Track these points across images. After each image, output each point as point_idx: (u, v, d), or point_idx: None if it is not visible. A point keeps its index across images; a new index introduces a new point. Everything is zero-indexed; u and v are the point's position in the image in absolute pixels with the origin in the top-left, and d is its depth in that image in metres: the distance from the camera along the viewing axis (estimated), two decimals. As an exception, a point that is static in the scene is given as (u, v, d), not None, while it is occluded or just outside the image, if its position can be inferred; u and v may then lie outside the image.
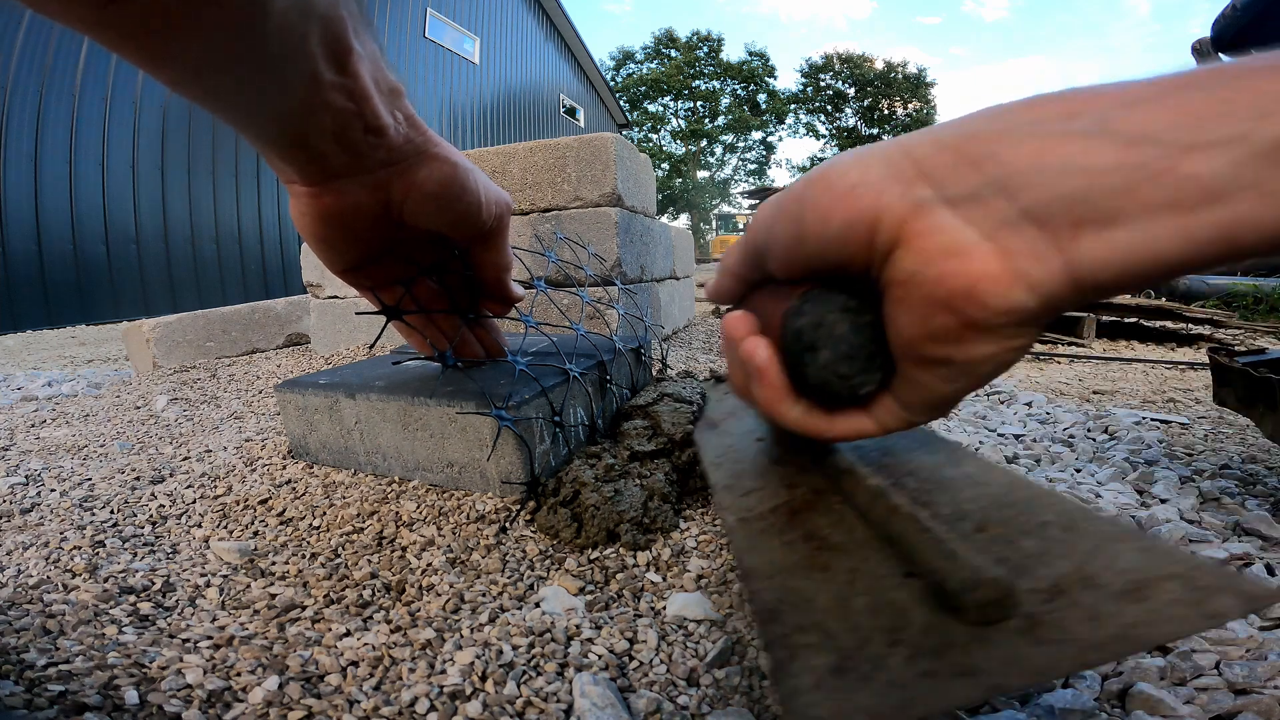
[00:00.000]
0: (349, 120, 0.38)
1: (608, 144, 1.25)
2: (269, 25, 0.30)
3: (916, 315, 0.25)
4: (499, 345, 0.65)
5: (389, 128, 0.41)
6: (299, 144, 0.39)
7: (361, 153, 0.41)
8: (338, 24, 0.35)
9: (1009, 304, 0.23)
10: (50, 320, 5.56)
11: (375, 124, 0.40)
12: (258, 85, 0.34)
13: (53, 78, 5.54)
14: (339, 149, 0.40)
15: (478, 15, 11.27)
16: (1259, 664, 0.43)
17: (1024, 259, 0.23)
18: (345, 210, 0.44)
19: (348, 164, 0.41)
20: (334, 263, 0.49)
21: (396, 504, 0.60)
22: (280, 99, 0.35)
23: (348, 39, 0.36)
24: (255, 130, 0.38)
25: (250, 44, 0.31)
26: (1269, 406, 0.81)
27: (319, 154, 0.40)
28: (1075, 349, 3.10)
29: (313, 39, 0.33)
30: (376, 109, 0.39)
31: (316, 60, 0.34)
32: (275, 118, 0.37)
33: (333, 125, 0.38)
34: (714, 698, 0.38)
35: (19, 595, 0.46)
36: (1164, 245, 0.21)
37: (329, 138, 0.39)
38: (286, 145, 0.39)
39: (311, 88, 0.35)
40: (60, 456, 0.85)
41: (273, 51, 0.32)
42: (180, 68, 0.31)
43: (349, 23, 0.35)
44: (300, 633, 0.42)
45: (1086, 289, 0.23)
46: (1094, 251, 0.22)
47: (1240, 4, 0.83)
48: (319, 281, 1.56)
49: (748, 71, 31.08)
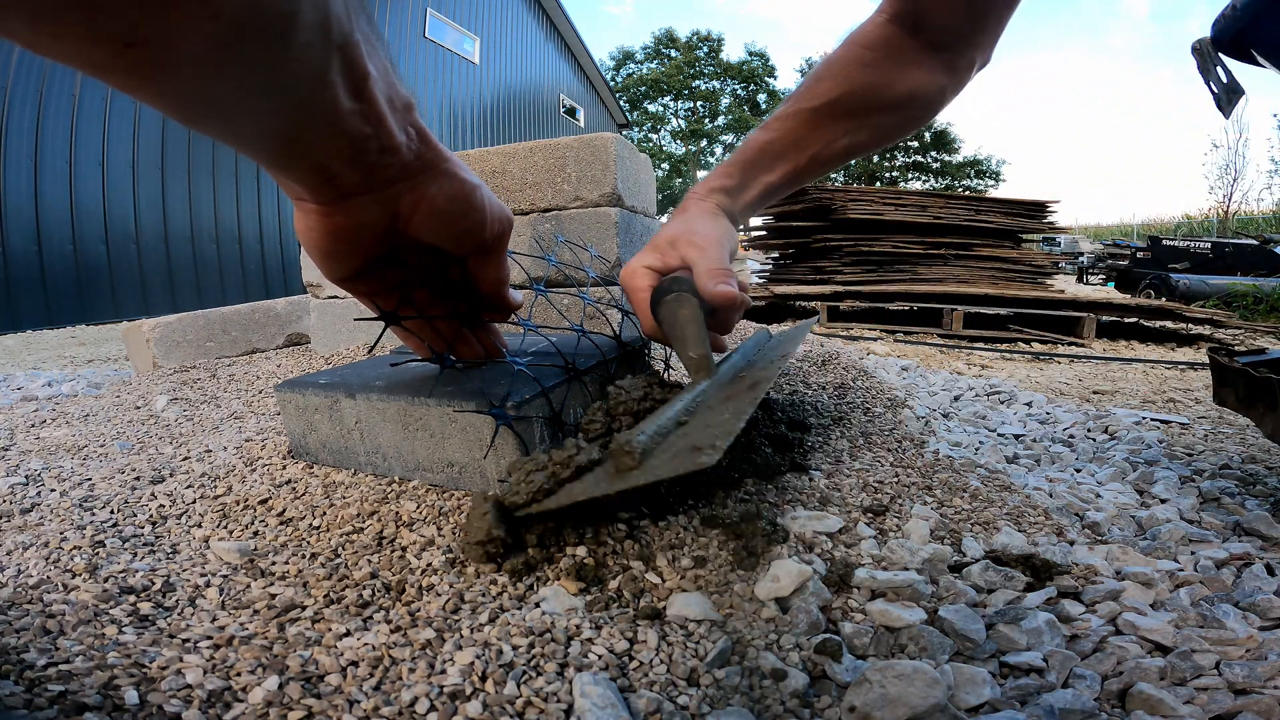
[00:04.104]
0: (365, 142, 0.38)
1: (608, 144, 1.25)
2: (290, 58, 0.30)
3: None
4: (498, 346, 0.65)
5: (402, 146, 0.41)
6: (314, 168, 0.39)
7: (374, 171, 0.41)
8: (354, 49, 0.34)
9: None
10: (50, 320, 5.56)
11: (389, 143, 0.40)
12: (277, 118, 0.33)
13: (53, 78, 5.54)
14: (353, 169, 0.40)
15: (478, 15, 11.27)
16: (1259, 664, 0.43)
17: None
18: (354, 227, 0.44)
19: (360, 182, 0.41)
20: (334, 273, 0.48)
21: (396, 504, 0.60)
22: (299, 130, 0.35)
23: (364, 64, 0.35)
24: (270, 158, 0.38)
25: (271, 79, 0.30)
26: (1269, 406, 0.81)
27: (333, 175, 0.39)
28: (1075, 349, 3.10)
29: (332, 69, 0.33)
30: (390, 129, 0.39)
31: (336, 89, 0.34)
32: (293, 147, 0.37)
33: (349, 149, 0.38)
34: (714, 698, 0.38)
35: (19, 595, 0.46)
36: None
37: (345, 160, 0.39)
38: (302, 170, 0.39)
39: (332, 118, 0.35)
40: (60, 456, 0.85)
41: (293, 85, 0.32)
42: (199, 106, 0.30)
43: (363, 46, 0.35)
44: (300, 633, 0.42)
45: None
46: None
47: (1240, 4, 0.83)
48: (319, 281, 1.56)
49: (748, 71, 31.09)
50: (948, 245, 5.07)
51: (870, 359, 2.22)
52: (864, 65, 0.69)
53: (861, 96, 0.69)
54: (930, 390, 1.81)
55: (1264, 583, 0.57)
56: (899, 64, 0.68)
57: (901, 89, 0.69)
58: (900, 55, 0.68)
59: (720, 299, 0.60)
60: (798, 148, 0.71)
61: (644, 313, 0.66)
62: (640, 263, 0.68)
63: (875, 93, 0.69)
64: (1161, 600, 0.55)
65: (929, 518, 0.61)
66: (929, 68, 0.69)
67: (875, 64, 0.69)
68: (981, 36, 0.68)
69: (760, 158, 0.73)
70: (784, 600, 0.47)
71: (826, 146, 0.72)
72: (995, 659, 0.45)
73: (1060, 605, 0.51)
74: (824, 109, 0.70)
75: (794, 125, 0.71)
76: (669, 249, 0.67)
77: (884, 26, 0.69)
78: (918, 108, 0.72)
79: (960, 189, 26.48)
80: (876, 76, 0.69)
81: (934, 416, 1.28)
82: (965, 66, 0.70)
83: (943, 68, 0.69)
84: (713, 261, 0.63)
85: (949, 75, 0.70)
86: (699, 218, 0.70)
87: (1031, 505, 0.71)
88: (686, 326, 0.60)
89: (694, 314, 0.60)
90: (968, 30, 0.67)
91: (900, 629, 0.45)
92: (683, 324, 0.60)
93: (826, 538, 0.55)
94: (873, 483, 0.68)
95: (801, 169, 0.73)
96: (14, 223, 5.35)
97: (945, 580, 0.52)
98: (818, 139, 0.71)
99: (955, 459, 0.83)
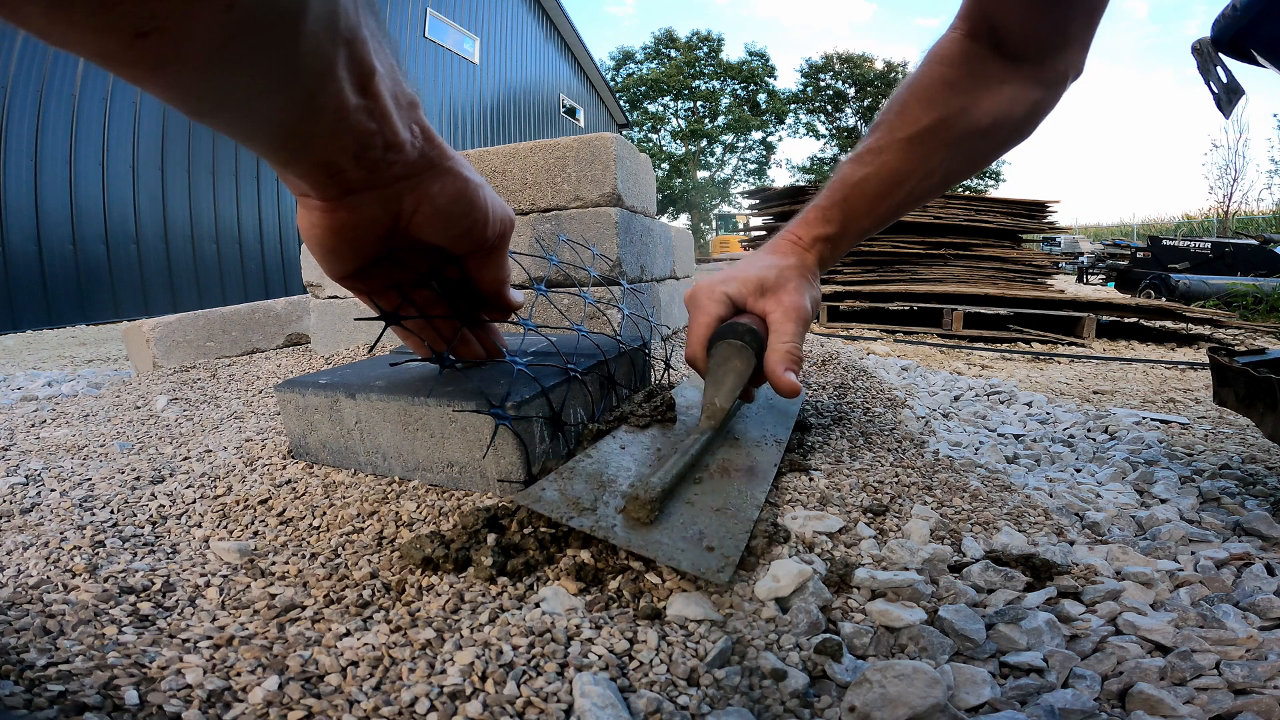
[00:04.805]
0: (370, 139, 0.38)
1: (608, 144, 1.25)
2: (298, 51, 0.30)
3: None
4: (498, 346, 0.65)
5: (406, 143, 0.41)
6: (319, 164, 0.39)
7: (379, 168, 0.41)
8: (361, 45, 0.34)
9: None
10: (50, 320, 5.56)
11: (394, 140, 0.40)
12: (283, 112, 0.33)
13: (53, 78, 5.54)
14: (357, 165, 0.40)
15: (478, 15, 11.28)
16: (1259, 664, 0.43)
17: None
18: (357, 223, 0.44)
19: (364, 179, 0.41)
20: (335, 270, 0.49)
21: (396, 504, 0.60)
22: (305, 124, 0.35)
23: (370, 60, 0.35)
24: (275, 152, 0.38)
25: (279, 72, 0.30)
26: (1269, 406, 0.81)
27: (338, 171, 0.39)
28: (1075, 349, 3.10)
29: (339, 64, 0.33)
30: (395, 126, 0.39)
31: (343, 84, 0.34)
32: (298, 141, 0.37)
33: (354, 145, 0.38)
34: (714, 698, 0.38)
35: (19, 595, 0.46)
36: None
37: (349, 156, 0.39)
38: (306, 165, 0.39)
39: (338, 113, 0.35)
40: (60, 456, 0.85)
41: (301, 79, 0.32)
42: (207, 99, 0.30)
43: (370, 43, 0.35)
44: (300, 633, 0.42)
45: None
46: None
47: (1240, 4, 0.83)
48: (319, 281, 1.56)
49: (748, 71, 31.08)
50: (948, 245, 5.07)
51: (870, 359, 2.22)
52: (949, 85, 0.64)
53: (953, 121, 0.64)
54: (930, 390, 1.81)
55: (1264, 583, 0.57)
56: (984, 81, 0.63)
57: (990, 108, 0.64)
58: (984, 71, 0.63)
59: (783, 387, 0.60)
60: (895, 183, 0.66)
61: (699, 336, 0.65)
62: (721, 287, 0.66)
63: (966, 115, 0.64)
64: (1161, 600, 0.55)
65: (929, 518, 0.61)
66: (1017, 83, 0.63)
67: (960, 83, 0.64)
68: (1066, 45, 0.62)
69: (859, 197, 0.67)
70: (784, 600, 0.47)
71: (923, 180, 0.66)
72: (995, 659, 0.45)
73: (1060, 605, 0.51)
74: (918, 138, 0.64)
75: (889, 159, 0.65)
76: (756, 294, 0.65)
77: (961, 42, 0.64)
78: (1009, 128, 0.66)
79: (960, 189, 26.44)
80: (965, 98, 0.63)
81: (934, 416, 1.28)
82: (1055, 80, 0.64)
83: (1031, 82, 0.63)
84: (790, 342, 0.62)
85: (1039, 89, 0.64)
86: (797, 280, 0.66)
87: (1031, 505, 0.71)
88: (728, 378, 0.61)
89: (744, 371, 0.61)
90: (1049, 39, 0.61)
91: (900, 629, 0.45)
92: (727, 373, 0.61)
93: (826, 538, 0.55)
94: (873, 483, 0.68)
95: (898, 205, 0.68)
96: (14, 223, 5.35)
97: (945, 580, 0.52)
98: (915, 172, 0.66)
99: (955, 459, 0.83)
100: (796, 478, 0.66)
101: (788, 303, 0.64)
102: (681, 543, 0.47)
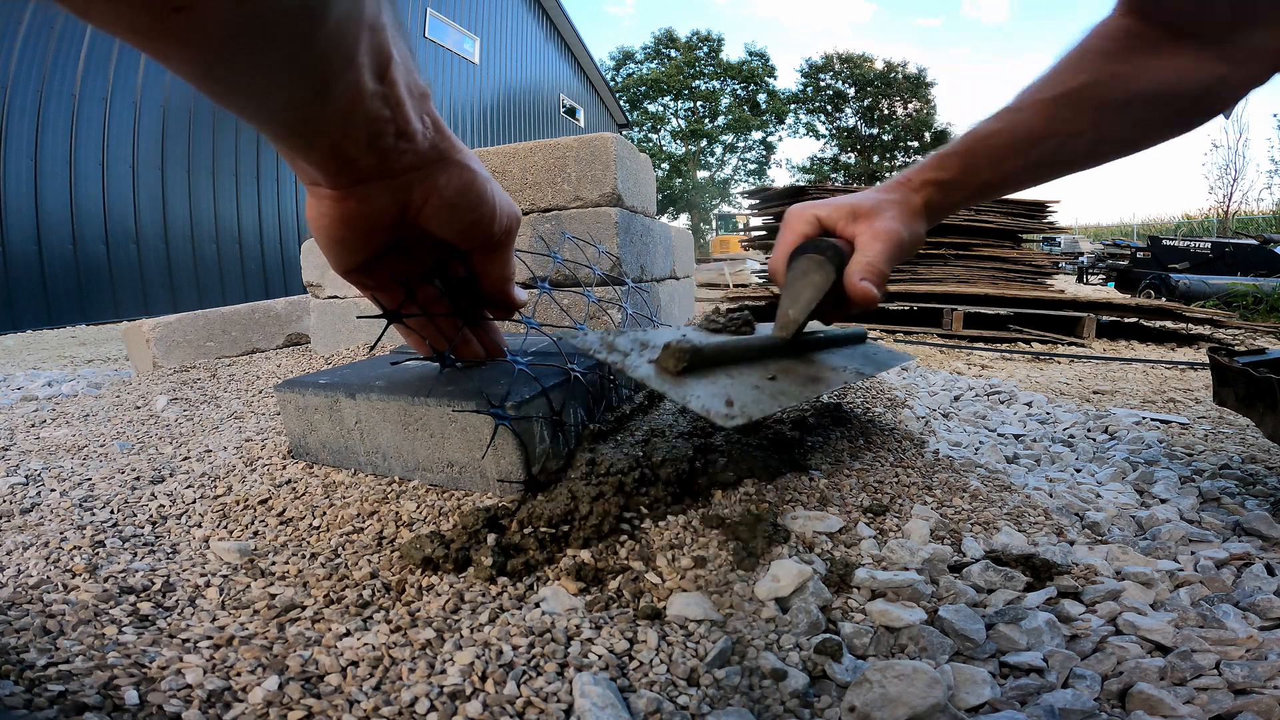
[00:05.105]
0: (383, 126, 0.38)
1: (608, 144, 1.25)
2: (325, 33, 0.30)
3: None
4: (499, 345, 0.65)
5: (418, 133, 0.41)
6: (332, 149, 0.39)
7: (390, 157, 0.41)
8: (382, 32, 0.34)
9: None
10: (50, 320, 5.56)
11: (406, 129, 0.40)
12: (304, 96, 0.34)
13: (53, 77, 5.54)
14: (369, 153, 0.40)
15: (478, 15, 11.27)
16: (1259, 664, 0.43)
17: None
18: (367, 214, 0.44)
19: (375, 167, 0.41)
20: (341, 262, 0.49)
21: (396, 504, 0.60)
22: (323, 109, 0.35)
23: (389, 47, 0.35)
24: (289, 138, 0.38)
25: (304, 54, 0.31)
26: (1269, 406, 0.81)
27: (350, 159, 0.40)
28: (1075, 349, 3.10)
29: (361, 48, 0.33)
30: (408, 114, 0.39)
31: (363, 70, 0.34)
32: (314, 126, 0.37)
33: (367, 132, 0.38)
34: (714, 698, 0.38)
35: (19, 595, 0.46)
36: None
37: (362, 143, 0.39)
38: (320, 151, 0.39)
39: (356, 97, 0.35)
40: (60, 456, 0.85)
41: (323, 62, 0.32)
42: (229, 78, 0.30)
43: (389, 30, 0.35)
44: (300, 633, 0.42)
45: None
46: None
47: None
48: (319, 281, 1.56)
49: (748, 71, 31.07)
50: (948, 245, 5.07)
51: (870, 359, 2.22)
52: (1106, 55, 0.60)
53: (1109, 86, 0.60)
54: (930, 390, 1.81)
55: (1264, 583, 0.57)
56: (1150, 53, 0.59)
57: (1158, 78, 0.59)
58: (1151, 44, 0.59)
59: (859, 295, 0.60)
60: (1029, 141, 0.63)
61: (783, 250, 0.66)
62: (812, 210, 0.66)
63: (1125, 83, 0.60)
64: (1161, 600, 0.55)
65: (929, 518, 0.61)
66: (1193, 56, 0.58)
67: (1120, 54, 0.60)
68: (1254, 18, 0.56)
69: (984, 149, 0.64)
70: (784, 600, 0.47)
71: (1066, 142, 0.63)
72: (995, 659, 0.45)
73: (1060, 605, 0.51)
74: (1062, 99, 0.61)
75: (1027, 116, 0.62)
76: (849, 219, 0.64)
77: (1123, 20, 0.61)
78: (1187, 99, 0.61)
79: (960, 189, 26.32)
80: (1124, 67, 0.60)
81: (934, 416, 1.28)
82: (1249, 56, 0.58)
83: (1213, 57, 0.58)
84: (876, 259, 0.61)
85: (1225, 65, 0.59)
86: (897, 211, 0.65)
87: (1031, 505, 0.71)
88: (805, 290, 0.61)
89: (822, 283, 0.61)
90: (1225, 13, 0.56)
91: (900, 629, 0.45)
92: (805, 285, 0.61)
93: (826, 538, 0.55)
94: (873, 483, 0.68)
95: (1034, 165, 0.64)
96: (14, 222, 5.35)
97: (945, 580, 0.52)
98: (1056, 131, 0.62)
99: (955, 459, 0.83)
100: (796, 478, 0.66)
101: (879, 226, 0.63)
102: (702, 392, 0.46)
